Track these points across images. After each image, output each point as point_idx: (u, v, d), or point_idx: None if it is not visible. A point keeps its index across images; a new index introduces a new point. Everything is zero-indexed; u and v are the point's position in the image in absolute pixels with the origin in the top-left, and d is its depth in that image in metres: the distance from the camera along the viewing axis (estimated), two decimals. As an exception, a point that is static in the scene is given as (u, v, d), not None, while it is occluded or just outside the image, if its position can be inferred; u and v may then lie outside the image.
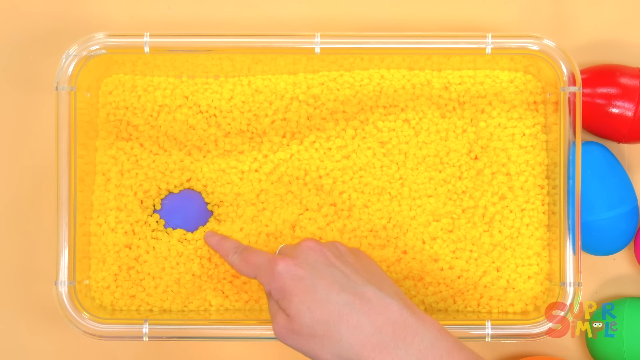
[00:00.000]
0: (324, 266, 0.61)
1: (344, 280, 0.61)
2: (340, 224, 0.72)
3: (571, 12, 0.77)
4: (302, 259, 0.62)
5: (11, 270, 0.76)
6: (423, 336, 0.58)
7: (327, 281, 0.60)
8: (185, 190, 0.73)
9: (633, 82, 0.72)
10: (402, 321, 0.59)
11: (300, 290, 0.60)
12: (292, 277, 0.61)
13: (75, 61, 0.69)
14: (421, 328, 0.59)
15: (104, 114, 0.73)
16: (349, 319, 0.59)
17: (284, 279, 0.61)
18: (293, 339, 0.61)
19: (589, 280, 0.76)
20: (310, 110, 0.73)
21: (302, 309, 0.60)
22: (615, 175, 0.73)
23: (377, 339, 0.58)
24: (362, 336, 0.58)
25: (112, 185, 0.72)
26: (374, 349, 0.58)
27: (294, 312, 0.60)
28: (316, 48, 0.69)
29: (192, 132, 0.73)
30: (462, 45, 0.70)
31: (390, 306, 0.59)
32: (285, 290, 0.61)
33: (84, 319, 0.69)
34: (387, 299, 0.60)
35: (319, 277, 0.60)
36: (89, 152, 0.72)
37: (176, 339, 0.69)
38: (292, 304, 0.60)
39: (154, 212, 0.73)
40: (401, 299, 0.61)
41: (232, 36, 0.70)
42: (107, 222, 0.72)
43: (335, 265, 0.62)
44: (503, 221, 0.72)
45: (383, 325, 0.59)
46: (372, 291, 0.60)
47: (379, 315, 0.59)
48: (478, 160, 0.73)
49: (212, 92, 0.73)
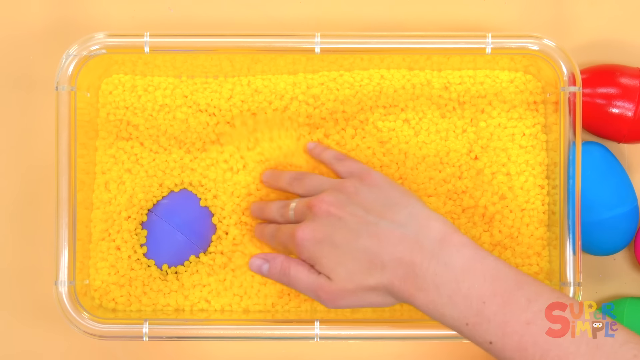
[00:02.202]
0: (337, 220, 0.64)
1: (357, 226, 0.63)
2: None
3: (571, 12, 0.77)
4: (316, 224, 0.64)
5: (11, 270, 0.76)
6: (440, 259, 0.60)
7: (344, 234, 0.63)
8: (185, 190, 0.73)
9: (633, 82, 0.72)
10: (418, 247, 0.61)
11: (325, 252, 0.63)
12: (312, 243, 0.64)
13: (75, 61, 0.69)
14: (438, 250, 0.61)
15: (104, 113, 0.73)
16: (374, 259, 0.62)
17: (307, 248, 0.64)
18: (343, 297, 0.63)
19: (589, 280, 0.76)
20: (310, 110, 0.73)
21: (335, 267, 0.63)
22: (615, 175, 0.73)
23: (402, 271, 0.61)
24: (390, 272, 0.61)
25: (112, 184, 0.72)
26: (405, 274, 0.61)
27: (329, 271, 0.63)
28: (316, 48, 0.69)
29: (192, 131, 0.73)
30: (462, 45, 0.70)
31: (404, 237, 0.62)
32: (312, 257, 0.64)
33: (84, 319, 0.69)
34: (399, 229, 0.62)
35: (335, 233, 0.63)
36: (89, 152, 0.72)
37: (176, 339, 0.69)
38: (325, 266, 0.63)
39: (149, 212, 0.73)
40: (415, 223, 0.62)
41: (232, 36, 0.70)
42: (107, 222, 0.72)
43: (346, 215, 0.63)
44: (503, 221, 0.72)
45: (403, 256, 0.61)
46: (384, 228, 0.62)
47: (395, 247, 0.61)
48: (478, 160, 0.73)
49: (211, 91, 0.73)
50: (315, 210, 0.65)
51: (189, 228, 0.73)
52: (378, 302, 0.63)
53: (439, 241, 0.61)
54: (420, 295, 0.61)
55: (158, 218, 0.72)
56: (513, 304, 0.59)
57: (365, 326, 0.69)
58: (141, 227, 0.72)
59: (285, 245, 0.67)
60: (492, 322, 0.59)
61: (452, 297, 0.60)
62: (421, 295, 0.60)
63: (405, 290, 0.61)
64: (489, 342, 0.59)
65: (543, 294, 0.59)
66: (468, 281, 0.60)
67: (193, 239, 0.72)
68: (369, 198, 0.64)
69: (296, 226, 0.65)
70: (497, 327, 0.59)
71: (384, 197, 0.65)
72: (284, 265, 0.66)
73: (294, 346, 0.76)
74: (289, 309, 0.72)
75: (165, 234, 0.72)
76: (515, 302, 0.59)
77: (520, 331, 0.58)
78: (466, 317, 0.60)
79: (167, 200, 0.73)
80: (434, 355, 0.76)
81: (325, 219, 0.64)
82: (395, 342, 0.76)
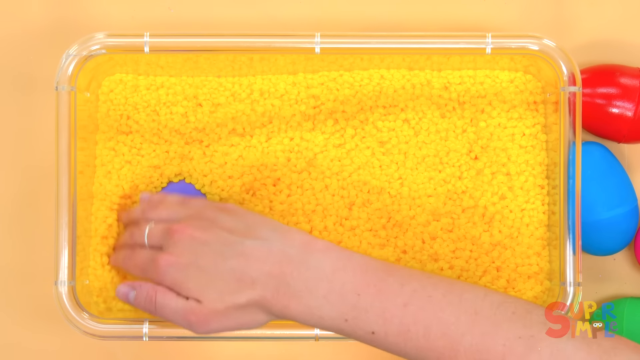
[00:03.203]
0: (200, 246, 0.63)
1: (222, 248, 0.63)
2: (340, 223, 0.72)
3: (571, 12, 0.77)
4: (179, 249, 0.63)
5: (11, 270, 0.76)
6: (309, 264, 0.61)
7: (210, 256, 0.62)
8: (183, 182, 0.73)
9: (633, 82, 0.72)
10: (286, 258, 0.61)
11: (192, 276, 0.62)
12: (178, 269, 0.63)
13: (75, 61, 0.69)
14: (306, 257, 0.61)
15: (104, 109, 0.73)
16: (243, 277, 0.61)
17: (172, 274, 0.63)
18: (214, 320, 0.62)
19: (589, 280, 0.76)
20: (309, 110, 0.73)
21: (204, 289, 0.62)
22: (615, 175, 0.73)
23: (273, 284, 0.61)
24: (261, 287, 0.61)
25: (113, 176, 0.72)
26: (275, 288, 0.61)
27: (198, 294, 0.62)
28: (316, 48, 0.69)
29: (192, 126, 0.73)
30: (462, 45, 0.70)
31: (270, 251, 0.62)
32: (178, 282, 0.63)
33: (84, 319, 0.69)
34: (264, 245, 0.62)
35: (200, 257, 0.63)
36: (89, 145, 0.72)
37: (176, 339, 0.69)
38: (192, 290, 0.62)
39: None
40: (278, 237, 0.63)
41: (232, 36, 0.70)
42: (107, 218, 0.72)
43: (210, 240, 0.63)
44: (503, 221, 0.72)
45: (271, 270, 0.61)
46: (249, 245, 0.62)
47: (264, 262, 0.61)
48: (478, 160, 0.73)
49: (211, 88, 0.73)
50: (178, 236, 0.64)
51: None
52: (251, 321, 0.63)
53: (304, 249, 0.62)
54: (294, 302, 0.61)
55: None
56: (387, 290, 0.60)
57: (365, 326, 0.69)
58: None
59: (144, 272, 0.65)
60: (371, 312, 0.60)
61: (327, 296, 0.60)
62: (295, 302, 0.61)
63: (278, 302, 0.61)
64: (372, 333, 0.60)
65: (413, 276, 0.61)
66: (340, 279, 0.61)
67: None
68: (230, 221, 0.65)
69: (156, 252, 0.65)
70: (376, 316, 0.60)
71: (244, 220, 0.65)
72: (149, 292, 0.64)
73: (294, 346, 0.76)
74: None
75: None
76: (388, 288, 0.60)
77: (399, 314, 0.59)
78: (344, 313, 0.60)
79: (166, 190, 0.73)
80: (434, 355, 0.76)
81: (189, 244, 0.63)
82: (395, 342, 0.76)
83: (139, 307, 0.66)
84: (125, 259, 0.68)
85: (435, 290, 0.60)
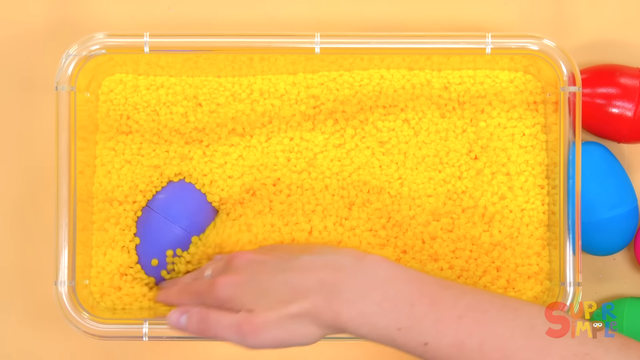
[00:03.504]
0: (257, 265, 0.64)
1: (279, 265, 0.63)
2: (340, 223, 0.72)
3: (571, 12, 0.77)
4: (235, 270, 0.64)
5: (11, 270, 0.76)
6: (363, 272, 0.61)
7: (266, 272, 0.63)
8: (182, 181, 0.73)
9: (633, 82, 0.72)
10: (340, 267, 0.61)
11: (247, 291, 0.62)
12: (234, 285, 0.63)
13: (75, 61, 0.69)
14: (360, 266, 0.61)
15: (104, 109, 0.73)
16: (296, 288, 0.61)
17: (228, 290, 0.63)
18: (266, 330, 0.61)
19: (589, 280, 0.76)
20: (309, 110, 0.73)
21: (256, 299, 0.62)
22: (615, 175, 0.73)
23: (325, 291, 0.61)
24: (314, 295, 0.61)
25: (113, 176, 0.72)
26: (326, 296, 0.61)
27: (250, 304, 0.62)
28: (316, 48, 0.69)
29: (192, 126, 0.73)
30: (462, 45, 0.70)
31: (325, 263, 0.62)
32: (232, 297, 0.63)
33: (84, 319, 0.69)
34: (319, 259, 0.62)
35: (258, 273, 0.63)
36: (89, 145, 0.72)
37: (176, 339, 0.69)
38: (245, 302, 0.62)
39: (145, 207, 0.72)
40: (333, 252, 0.63)
41: (232, 36, 0.70)
42: (107, 218, 0.72)
43: (266, 259, 0.64)
44: (503, 221, 0.72)
45: (325, 278, 0.61)
46: (305, 260, 0.63)
47: (317, 272, 0.61)
48: (478, 160, 0.73)
49: (211, 88, 0.73)
50: (238, 260, 0.65)
51: (187, 220, 0.72)
52: (303, 335, 0.61)
53: (358, 260, 0.62)
54: (346, 309, 0.60)
55: (155, 213, 0.72)
56: (441, 302, 0.60)
57: (365, 326, 0.69)
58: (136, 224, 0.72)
59: (200, 297, 0.65)
60: (425, 322, 0.59)
61: (381, 303, 0.60)
62: (347, 309, 0.60)
63: (330, 309, 0.60)
64: (424, 344, 0.59)
65: (468, 291, 0.61)
66: (394, 287, 0.60)
67: (193, 231, 0.72)
68: (286, 248, 0.67)
69: (214, 276, 0.66)
70: (430, 327, 0.59)
71: (299, 247, 0.68)
72: (201, 313, 0.64)
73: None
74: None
75: (162, 228, 0.72)
76: (443, 301, 0.60)
77: (454, 326, 0.59)
78: (398, 322, 0.59)
79: (163, 194, 0.73)
80: (434, 355, 0.76)
81: (248, 264, 0.64)
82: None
83: (191, 331, 0.65)
84: (180, 291, 0.68)
85: (491, 305, 0.60)
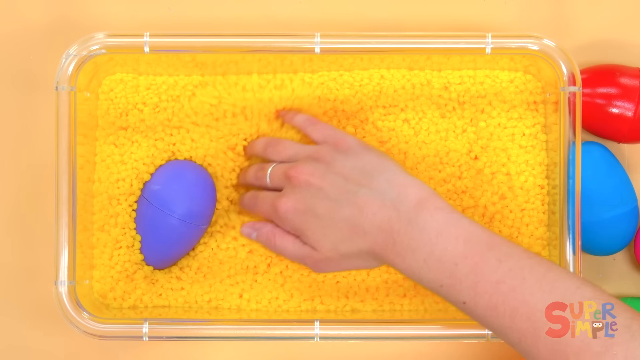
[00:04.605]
0: (317, 191, 0.66)
1: (337, 196, 0.65)
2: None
3: (571, 12, 0.77)
4: (297, 195, 0.67)
5: (11, 270, 0.76)
6: (416, 224, 0.63)
7: (325, 205, 0.65)
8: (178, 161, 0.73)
9: (633, 82, 0.72)
10: (396, 214, 0.63)
11: (309, 224, 0.66)
12: (296, 214, 0.66)
13: (75, 61, 0.69)
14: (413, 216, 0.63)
15: (105, 107, 0.73)
16: (355, 228, 0.64)
17: (290, 220, 0.67)
18: (329, 265, 0.67)
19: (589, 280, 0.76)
20: (309, 110, 0.73)
21: (320, 239, 0.66)
22: (615, 175, 0.73)
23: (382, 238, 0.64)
24: (371, 239, 0.64)
25: (113, 172, 0.72)
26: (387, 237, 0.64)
27: (314, 243, 0.66)
28: (316, 48, 0.69)
29: (194, 119, 0.73)
30: (462, 45, 0.70)
31: (383, 204, 0.64)
32: (296, 228, 0.67)
33: (84, 319, 0.69)
34: (378, 197, 0.64)
35: (317, 204, 0.66)
36: (89, 141, 0.72)
37: (176, 339, 0.69)
38: (309, 238, 0.66)
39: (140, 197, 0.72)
40: (393, 190, 0.64)
41: (232, 36, 0.70)
42: (107, 216, 0.72)
43: (325, 186, 0.66)
44: (503, 221, 0.72)
45: (381, 224, 0.63)
46: (363, 196, 0.64)
47: (375, 215, 0.64)
48: (478, 160, 0.73)
49: (210, 88, 0.73)
50: (295, 182, 0.67)
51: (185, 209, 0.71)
52: (363, 265, 0.67)
53: (414, 207, 0.63)
54: (398, 260, 0.63)
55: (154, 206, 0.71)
56: (484, 265, 0.61)
57: (365, 326, 0.69)
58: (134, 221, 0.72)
59: (267, 215, 0.70)
60: (464, 283, 0.61)
61: (427, 260, 0.62)
62: (399, 260, 0.63)
63: (386, 255, 0.64)
64: (463, 302, 0.62)
65: (514, 254, 0.61)
66: (441, 244, 0.62)
67: (190, 219, 0.71)
68: (347, 166, 0.66)
69: (276, 197, 0.68)
70: (469, 288, 0.61)
71: (361, 164, 0.67)
72: (269, 235, 0.69)
73: (294, 346, 0.76)
74: (289, 309, 0.72)
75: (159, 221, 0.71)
76: (485, 263, 0.61)
77: (491, 290, 0.60)
78: (440, 280, 0.62)
79: (158, 185, 0.72)
80: (434, 355, 0.76)
81: (306, 190, 0.66)
82: (395, 342, 0.76)
83: (261, 244, 0.71)
84: (251, 205, 0.71)
85: (531, 274, 0.60)
